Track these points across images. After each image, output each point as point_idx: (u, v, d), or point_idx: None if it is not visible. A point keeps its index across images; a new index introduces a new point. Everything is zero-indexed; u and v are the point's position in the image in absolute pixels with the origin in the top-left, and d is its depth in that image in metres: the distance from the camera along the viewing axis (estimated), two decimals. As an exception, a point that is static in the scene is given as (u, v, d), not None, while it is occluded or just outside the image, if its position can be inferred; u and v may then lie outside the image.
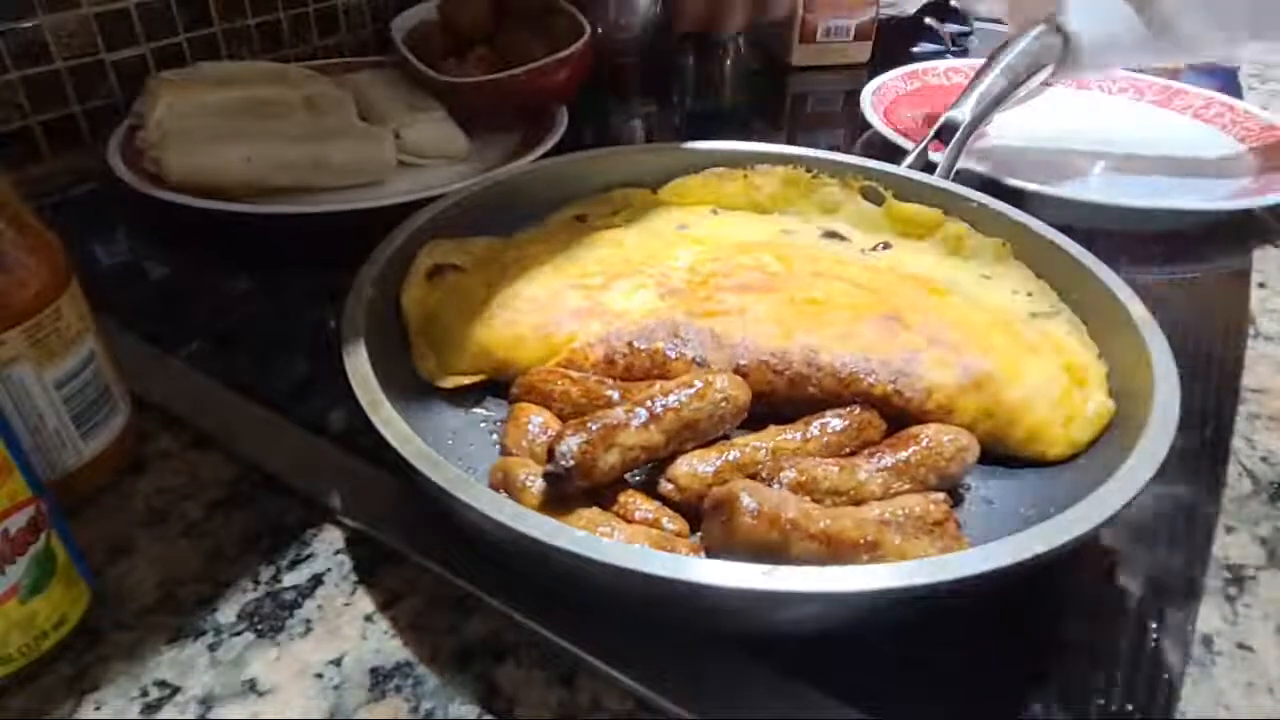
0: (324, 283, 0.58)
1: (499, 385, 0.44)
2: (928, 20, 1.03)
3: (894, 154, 0.72)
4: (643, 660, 0.32)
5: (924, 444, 0.38)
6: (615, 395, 0.40)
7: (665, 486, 0.37)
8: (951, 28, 1.04)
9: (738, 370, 0.42)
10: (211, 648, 0.33)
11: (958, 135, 0.61)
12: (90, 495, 0.39)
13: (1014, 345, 0.43)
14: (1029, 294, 0.48)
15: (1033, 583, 0.36)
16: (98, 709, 0.31)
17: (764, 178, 0.58)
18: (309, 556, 0.37)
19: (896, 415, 0.41)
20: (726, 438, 0.39)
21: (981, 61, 0.67)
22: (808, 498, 0.35)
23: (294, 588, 0.36)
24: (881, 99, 0.80)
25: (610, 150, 0.60)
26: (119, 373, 0.40)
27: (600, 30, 0.84)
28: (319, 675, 0.32)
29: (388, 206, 0.60)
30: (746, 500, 0.32)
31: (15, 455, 0.29)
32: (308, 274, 0.58)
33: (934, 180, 0.55)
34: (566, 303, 0.46)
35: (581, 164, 0.59)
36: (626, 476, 0.38)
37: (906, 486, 0.37)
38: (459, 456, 0.40)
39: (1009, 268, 0.50)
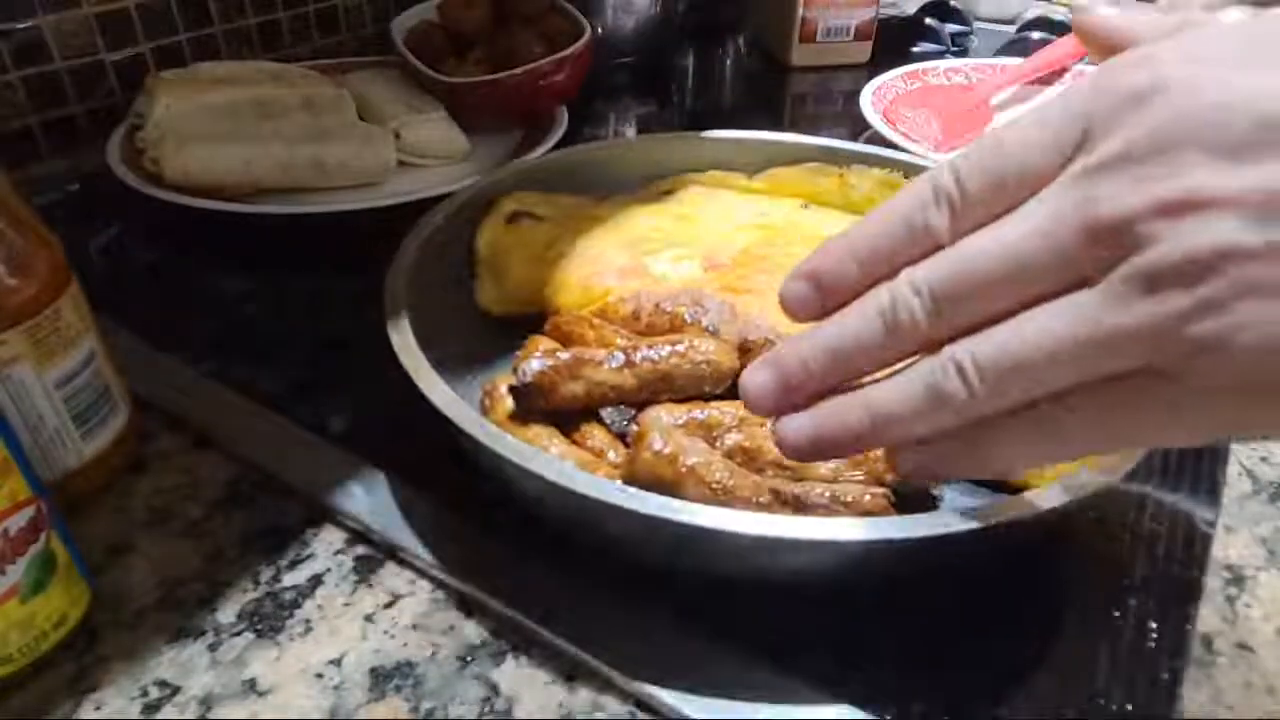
0: (323, 283, 0.58)
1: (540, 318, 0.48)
2: (928, 20, 1.03)
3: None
4: (643, 660, 0.32)
5: None
6: (623, 344, 0.42)
7: (632, 429, 0.39)
8: (951, 28, 1.04)
9: (744, 344, 0.43)
10: (211, 648, 0.33)
11: None
12: (90, 495, 0.39)
13: None
14: None
15: (1033, 580, 0.36)
16: (98, 709, 0.31)
17: (860, 178, 0.57)
18: (309, 556, 0.37)
19: None
20: (706, 399, 0.40)
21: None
22: (746, 462, 0.37)
23: (294, 588, 0.36)
24: (881, 99, 0.80)
25: (708, 134, 0.60)
26: (119, 373, 0.40)
27: (600, 30, 0.84)
28: (319, 675, 0.32)
29: (388, 206, 0.60)
30: (654, 438, 0.35)
31: (15, 455, 0.29)
32: (307, 274, 0.59)
33: None
34: (613, 260, 0.50)
35: (681, 142, 0.60)
36: (608, 419, 0.42)
37: (859, 477, 0.37)
38: (489, 376, 0.43)
39: None
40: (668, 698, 0.31)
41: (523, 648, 0.33)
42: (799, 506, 0.34)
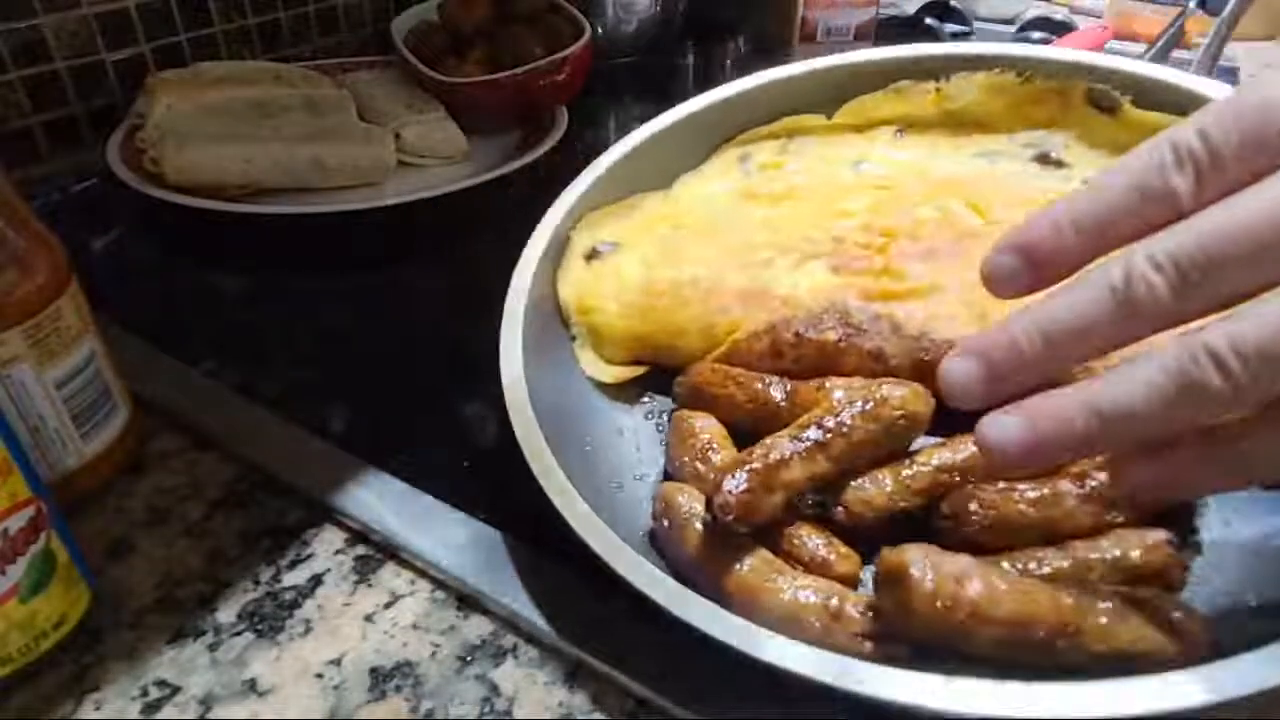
0: (323, 283, 0.58)
1: (663, 372, 0.42)
2: (928, 20, 1.03)
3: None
4: (643, 660, 0.32)
5: None
6: (781, 398, 0.37)
7: (838, 512, 0.34)
8: (951, 28, 1.04)
9: (920, 364, 0.36)
10: (211, 648, 0.33)
11: (1223, 16, 0.49)
12: (90, 495, 0.39)
13: None
14: None
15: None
16: (98, 709, 0.31)
17: (961, 86, 0.47)
18: (309, 556, 0.37)
19: None
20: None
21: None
22: (993, 541, 0.31)
23: (294, 588, 0.36)
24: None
25: (768, 75, 0.50)
26: (119, 373, 0.40)
27: (600, 30, 0.84)
28: (319, 675, 0.32)
29: (388, 206, 0.60)
30: (918, 574, 0.28)
31: (15, 455, 0.29)
32: (308, 274, 0.59)
33: (1186, 78, 0.41)
34: (729, 285, 0.42)
35: (739, 99, 0.50)
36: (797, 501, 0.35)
37: (1121, 519, 0.31)
38: (627, 461, 0.39)
39: None
40: (668, 698, 0.31)
41: (523, 648, 0.33)
42: (1084, 606, 0.27)
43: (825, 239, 0.43)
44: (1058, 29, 0.98)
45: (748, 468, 0.32)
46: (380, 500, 0.39)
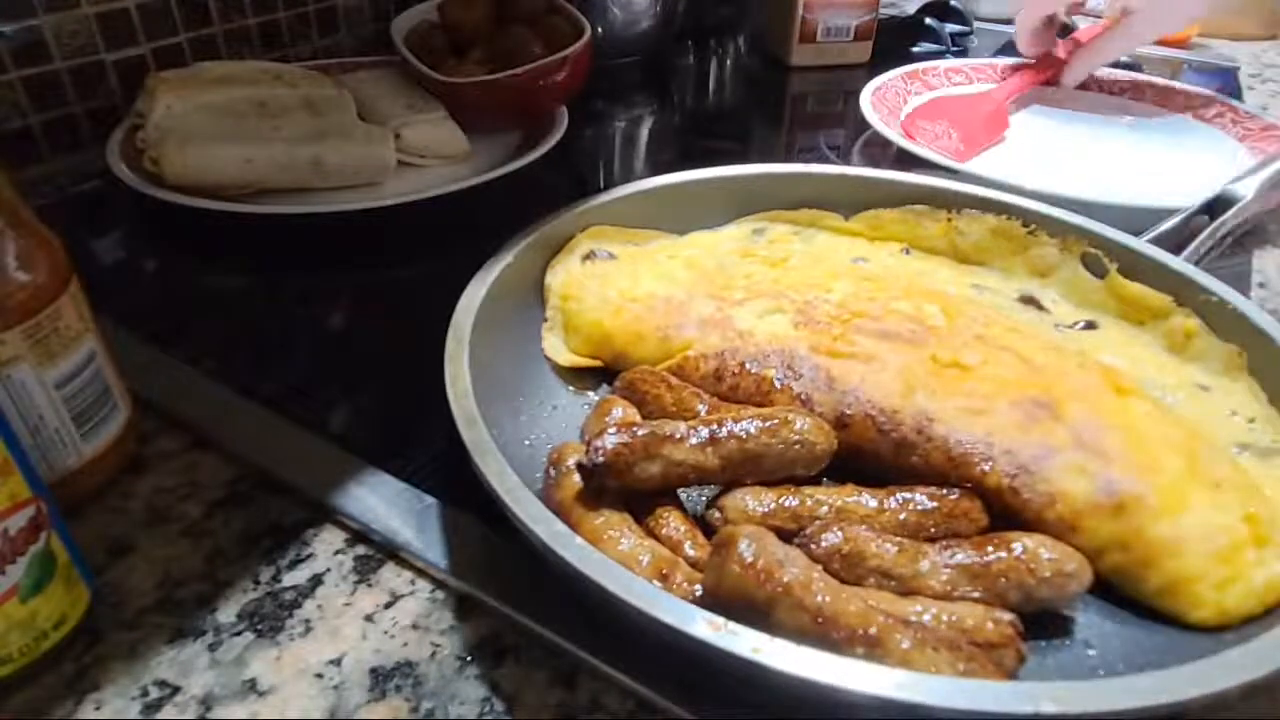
0: (324, 283, 0.58)
1: (612, 376, 0.45)
2: (928, 20, 1.03)
3: (899, 156, 0.72)
4: (643, 660, 0.32)
5: (1015, 552, 0.32)
6: (704, 410, 0.39)
7: (713, 515, 0.35)
8: (951, 28, 1.04)
9: (841, 419, 0.39)
10: (211, 648, 0.33)
11: (1229, 214, 0.52)
12: (90, 495, 0.39)
13: (1190, 473, 0.35)
14: (1251, 420, 0.40)
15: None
16: (98, 709, 0.31)
17: (970, 224, 0.52)
18: (309, 556, 0.37)
19: (1007, 515, 0.35)
20: (797, 481, 0.36)
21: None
22: (844, 570, 0.32)
23: (294, 588, 0.36)
24: (881, 99, 0.80)
25: (803, 168, 0.56)
26: (119, 373, 0.40)
27: (600, 30, 0.84)
28: (319, 675, 0.32)
29: (388, 206, 0.60)
30: (744, 547, 0.30)
31: (15, 455, 0.29)
32: (308, 274, 0.59)
33: (1175, 262, 0.46)
34: (696, 310, 0.46)
35: (771, 179, 0.56)
36: (685, 495, 0.37)
37: (976, 594, 0.31)
38: (548, 431, 0.42)
39: (1237, 382, 0.42)
40: (668, 698, 0.31)
41: (523, 648, 0.33)
42: (919, 636, 0.28)
43: (799, 300, 0.46)
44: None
45: (635, 430, 0.35)
46: (380, 500, 0.39)
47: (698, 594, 0.31)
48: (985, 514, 0.35)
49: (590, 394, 0.45)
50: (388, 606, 0.35)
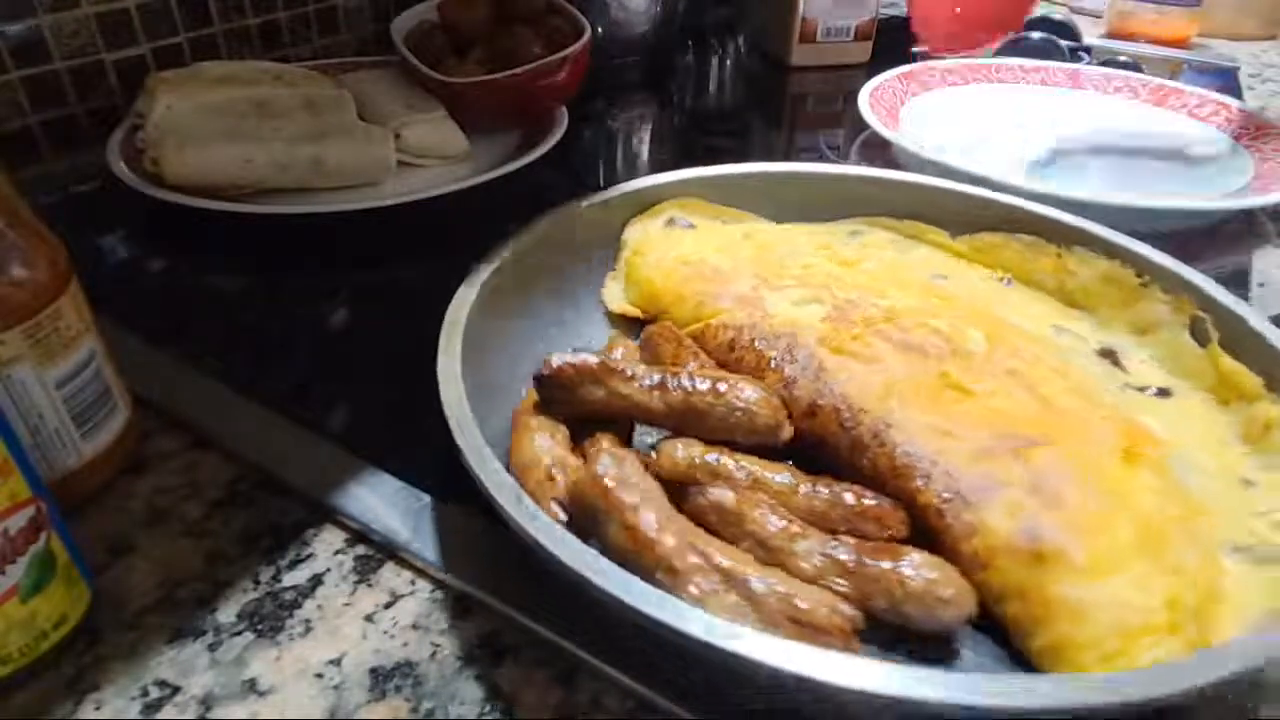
0: (324, 283, 0.58)
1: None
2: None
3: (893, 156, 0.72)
4: (643, 660, 0.32)
5: (895, 565, 0.32)
6: (691, 368, 0.42)
7: (651, 455, 0.37)
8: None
9: (812, 407, 0.40)
10: (211, 648, 0.33)
11: None
12: (90, 495, 0.39)
13: (1143, 549, 0.33)
14: (1277, 525, 0.35)
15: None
16: (98, 709, 0.31)
17: (1082, 265, 0.48)
18: (309, 556, 0.37)
19: (930, 538, 0.35)
20: (739, 448, 0.37)
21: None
22: (720, 526, 0.33)
23: (294, 588, 0.36)
24: (880, 99, 0.80)
25: (914, 179, 0.55)
26: (119, 373, 0.40)
27: (600, 30, 0.84)
28: (319, 675, 0.32)
29: (388, 206, 0.60)
30: (603, 462, 0.33)
31: (15, 455, 0.29)
32: (308, 274, 0.59)
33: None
34: (737, 285, 0.48)
35: (885, 182, 0.55)
36: (641, 436, 0.41)
37: (843, 588, 0.32)
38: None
39: None
40: (668, 698, 0.31)
41: (523, 648, 0.33)
42: (742, 593, 0.29)
43: (841, 298, 0.46)
44: (1058, 29, 0.98)
45: (591, 357, 0.38)
46: (380, 500, 0.39)
47: (562, 492, 0.34)
48: (907, 528, 0.35)
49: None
50: (388, 606, 0.35)
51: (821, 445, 0.39)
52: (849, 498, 0.35)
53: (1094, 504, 0.34)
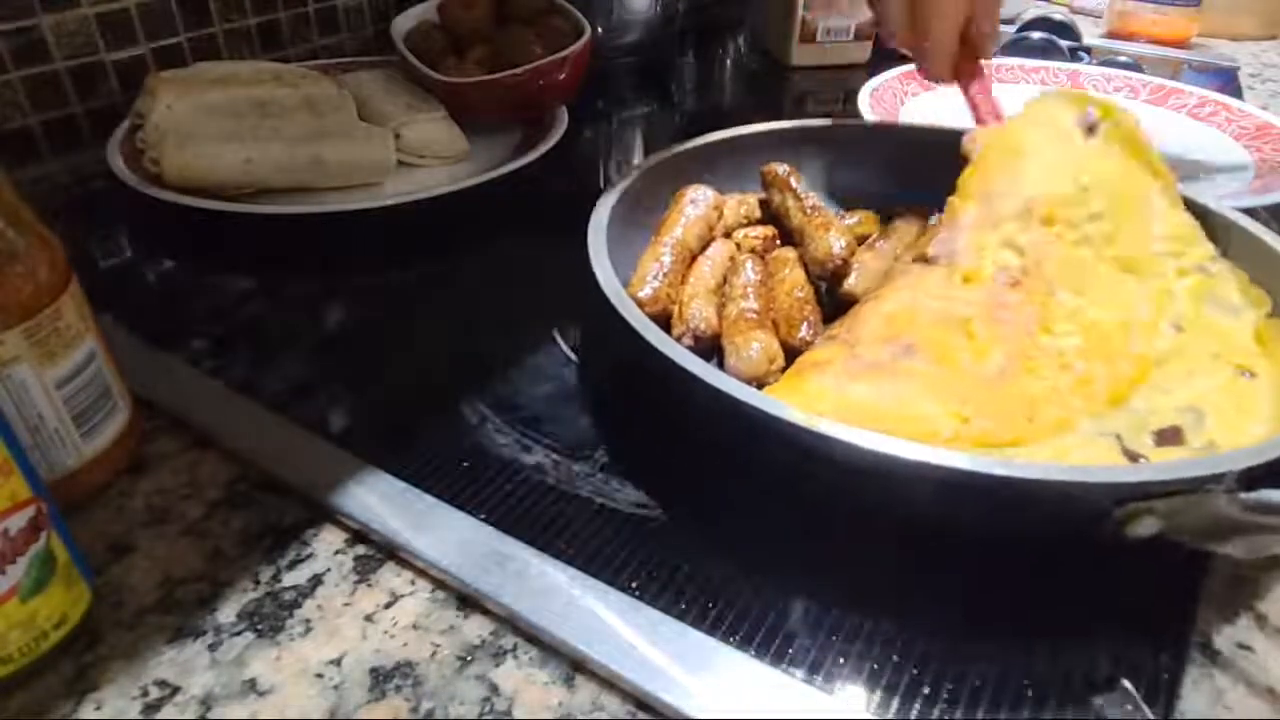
0: (323, 282, 0.58)
1: None
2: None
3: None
4: (642, 660, 0.32)
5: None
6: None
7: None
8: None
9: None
10: (211, 648, 0.33)
11: None
12: (90, 495, 0.39)
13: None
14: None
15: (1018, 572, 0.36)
16: (98, 709, 0.31)
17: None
18: (309, 556, 0.37)
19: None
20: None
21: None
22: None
23: (294, 588, 0.36)
24: (881, 99, 0.80)
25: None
26: (119, 373, 0.40)
27: (600, 30, 0.84)
28: (319, 675, 0.32)
29: (388, 206, 0.60)
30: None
31: (15, 455, 0.29)
32: (308, 274, 0.59)
33: None
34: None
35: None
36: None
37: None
38: None
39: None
40: (668, 698, 0.31)
41: (523, 648, 0.33)
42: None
43: (1026, 263, 0.45)
44: (1058, 29, 0.98)
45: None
46: (380, 500, 0.39)
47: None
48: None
49: None
50: (388, 606, 0.35)
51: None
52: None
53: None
